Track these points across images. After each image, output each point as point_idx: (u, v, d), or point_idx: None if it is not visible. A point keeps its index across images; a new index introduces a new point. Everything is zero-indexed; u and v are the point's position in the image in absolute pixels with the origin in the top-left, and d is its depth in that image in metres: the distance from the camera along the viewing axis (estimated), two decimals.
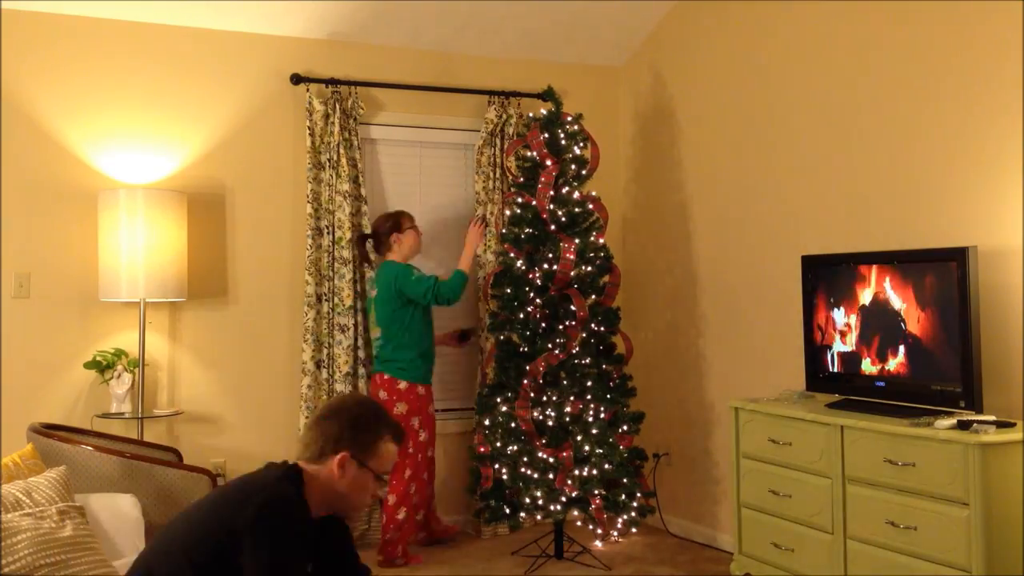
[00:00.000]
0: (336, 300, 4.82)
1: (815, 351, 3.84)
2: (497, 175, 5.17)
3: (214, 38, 4.79)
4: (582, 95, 5.47)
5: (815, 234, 4.20)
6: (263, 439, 4.82)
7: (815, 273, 3.85)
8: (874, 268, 3.57)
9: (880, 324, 3.55)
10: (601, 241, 4.65)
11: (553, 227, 4.56)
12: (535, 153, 4.65)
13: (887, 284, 3.52)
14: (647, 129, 5.42)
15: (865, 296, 3.62)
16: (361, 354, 4.84)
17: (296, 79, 4.87)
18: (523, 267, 4.59)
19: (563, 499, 4.40)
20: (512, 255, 4.64)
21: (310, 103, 4.84)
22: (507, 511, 4.57)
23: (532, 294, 4.54)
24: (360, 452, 2.24)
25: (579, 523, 4.91)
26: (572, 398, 4.45)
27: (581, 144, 4.71)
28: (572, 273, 4.47)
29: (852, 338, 3.67)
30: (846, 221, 4.03)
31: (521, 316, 4.56)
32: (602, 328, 4.61)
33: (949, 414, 3.20)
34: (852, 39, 4.00)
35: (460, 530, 4.98)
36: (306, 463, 2.24)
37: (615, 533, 4.82)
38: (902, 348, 3.45)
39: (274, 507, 2.06)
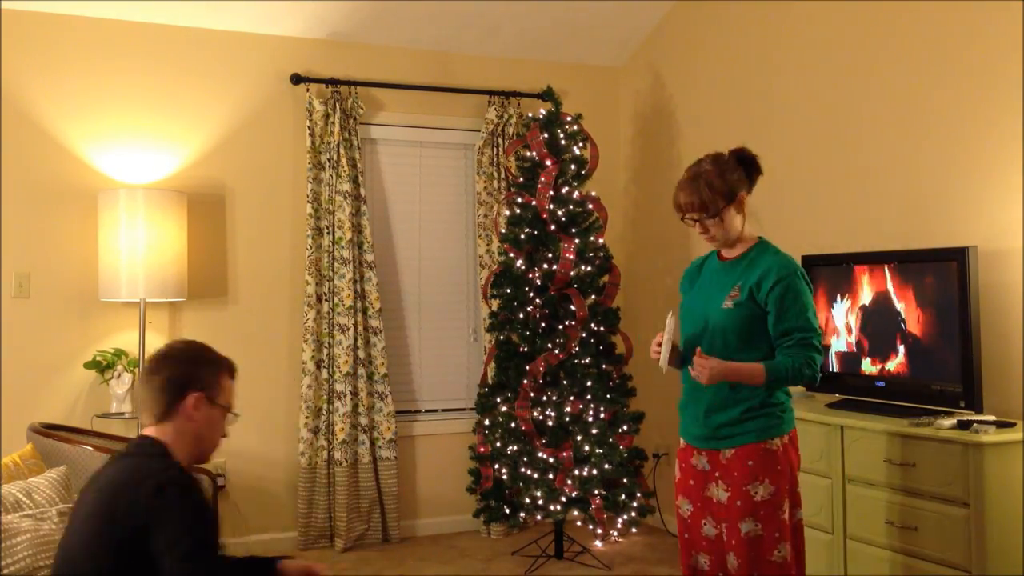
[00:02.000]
0: (336, 300, 4.82)
1: None
2: (501, 175, 5.17)
3: (214, 38, 4.79)
4: (582, 95, 5.47)
5: (815, 234, 4.20)
6: (263, 439, 4.82)
7: (815, 273, 3.84)
8: (874, 268, 3.57)
9: (880, 324, 3.55)
10: (601, 241, 4.65)
11: (553, 227, 4.56)
12: (535, 153, 4.65)
13: (887, 284, 3.52)
14: (647, 129, 5.42)
15: (865, 296, 3.61)
16: (361, 354, 4.84)
17: (296, 79, 4.87)
18: (523, 267, 4.59)
19: (563, 499, 4.40)
20: (512, 255, 4.64)
21: (310, 103, 4.84)
22: (507, 511, 4.57)
23: (532, 294, 4.54)
24: (208, 389, 2.19)
25: (579, 523, 4.91)
26: (572, 398, 4.45)
27: (580, 144, 4.71)
28: (572, 273, 4.47)
29: (852, 338, 3.67)
30: (846, 221, 4.03)
31: (521, 316, 4.56)
32: (602, 328, 4.61)
33: (949, 414, 3.20)
34: (852, 39, 4.00)
35: None
36: (156, 427, 2.16)
37: (615, 533, 4.82)
38: (902, 348, 3.45)
39: (171, 487, 2.01)
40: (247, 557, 2.34)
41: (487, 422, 4.63)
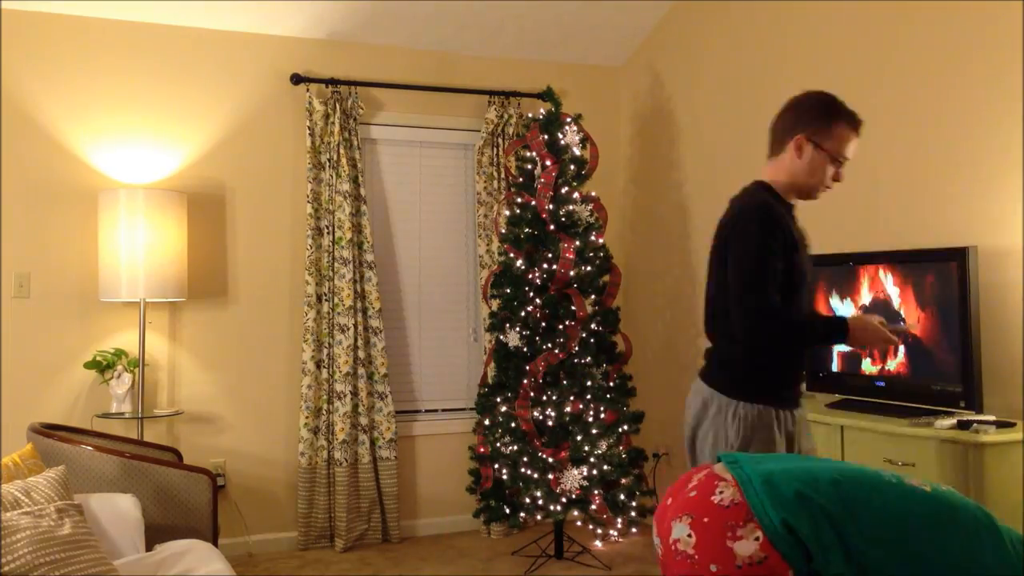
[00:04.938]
0: (336, 300, 4.82)
1: (815, 351, 3.84)
2: (501, 175, 5.18)
3: (214, 38, 4.79)
4: (582, 95, 5.47)
5: (815, 234, 4.18)
6: (263, 439, 4.82)
7: (815, 273, 3.84)
8: (874, 268, 3.57)
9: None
10: (600, 241, 4.65)
11: (553, 227, 4.56)
12: (534, 153, 4.65)
13: (887, 284, 3.52)
14: (646, 129, 5.42)
15: (865, 296, 3.61)
16: (361, 354, 4.84)
17: (296, 79, 4.87)
18: (523, 267, 4.59)
19: (563, 499, 4.40)
20: (512, 255, 4.64)
21: (310, 103, 4.84)
22: (507, 511, 4.57)
23: (532, 294, 4.54)
24: (814, 134, 2.54)
25: (579, 523, 4.91)
26: (572, 398, 4.45)
27: (580, 144, 4.71)
28: (571, 273, 4.47)
29: None
30: (846, 221, 4.03)
31: (521, 316, 4.56)
32: (602, 328, 4.61)
33: (949, 414, 3.20)
34: (852, 39, 4.00)
35: None
36: (770, 166, 2.65)
37: (615, 533, 4.81)
38: (902, 348, 3.45)
39: (745, 212, 2.52)
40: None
41: (487, 422, 4.63)
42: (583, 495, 4.41)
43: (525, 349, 4.56)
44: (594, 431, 4.42)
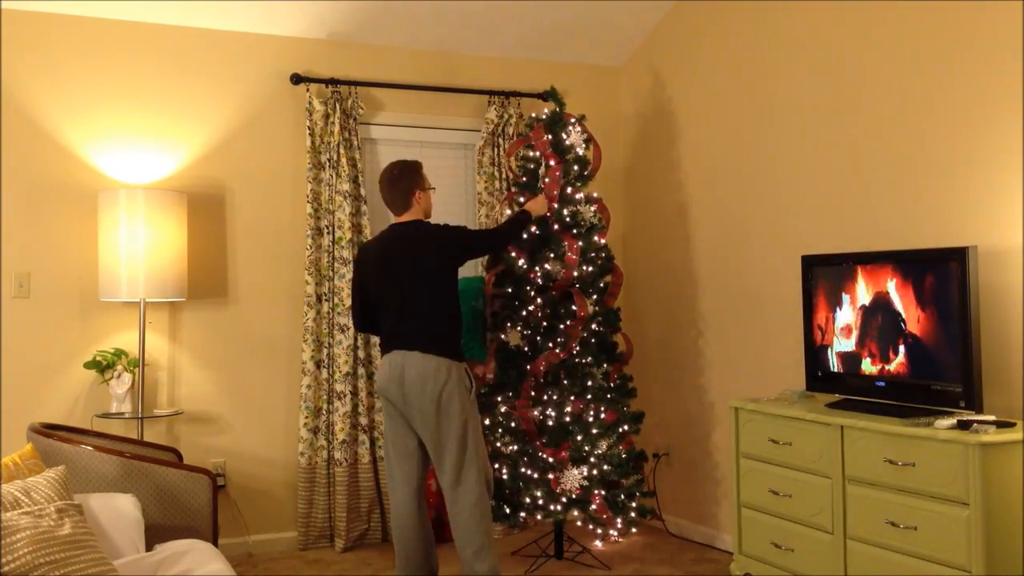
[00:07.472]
0: (336, 300, 4.82)
1: (815, 351, 3.84)
2: (502, 175, 5.17)
3: (214, 38, 4.79)
4: (582, 95, 5.47)
5: (815, 234, 4.20)
6: (263, 439, 4.82)
7: (815, 273, 3.85)
8: (874, 268, 3.57)
9: (880, 324, 3.55)
10: (602, 241, 4.64)
11: (556, 227, 4.55)
12: (538, 153, 4.64)
13: (887, 284, 3.52)
14: (647, 129, 5.42)
15: (865, 296, 3.61)
16: (361, 354, 4.84)
17: (296, 79, 4.87)
18: (524, 266, 4.59)
19: (563, 499, 4.40)
20: (513, 254, 4.64)
21: (310, 103, 4.84)
22: (507, 511, 4.57)
23: (533, 293, 4.54)
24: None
25: (579, 523, 4.91)
26: (572, 398, 4.45)
27: (583, 144, 4.70)
28: (575, 273, 4.47)
29: (852, 338, 3.67)
30: (846, 221, 4.03)
31: (523, 315, 4.56)
32: (603, 328, 4.61)
33: (949, 414, 3.20)
34: (852, 39, 4.00)
35: None
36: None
37: (615, 533, 4.81)
38: (902, 348, 3.45)
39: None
40: None
41: (487, 422, 4.63)
42: (583, 495, 4.41)
43: (526, 349, 4.56)
44: (594, 431, 4.42)
